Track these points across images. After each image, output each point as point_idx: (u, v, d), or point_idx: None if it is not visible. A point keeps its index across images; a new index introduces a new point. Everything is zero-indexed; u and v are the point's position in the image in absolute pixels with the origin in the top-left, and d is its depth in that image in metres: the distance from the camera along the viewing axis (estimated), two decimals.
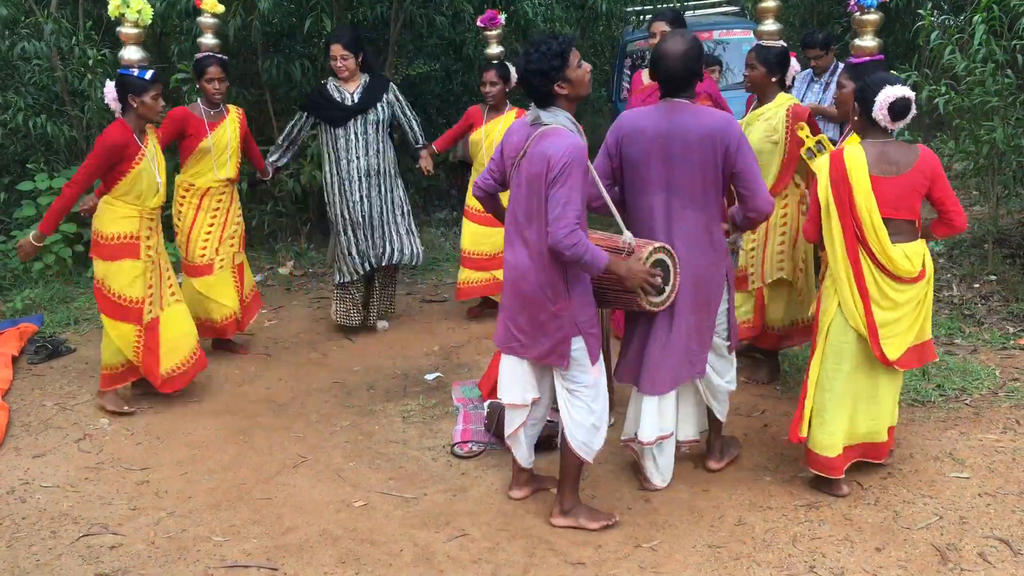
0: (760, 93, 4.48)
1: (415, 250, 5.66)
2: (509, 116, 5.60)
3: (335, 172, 5.43)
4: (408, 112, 5.58)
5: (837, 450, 3.59)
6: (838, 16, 10.75)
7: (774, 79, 4.42)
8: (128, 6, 4.38)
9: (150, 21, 4.53)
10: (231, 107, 5.24)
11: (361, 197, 5.43)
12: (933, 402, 4.49)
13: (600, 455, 4.08)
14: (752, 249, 4.57)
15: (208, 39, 5.14)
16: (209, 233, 5.13)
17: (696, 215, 3.48)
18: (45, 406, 4.71)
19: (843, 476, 3.63)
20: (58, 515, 3.67)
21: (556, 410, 4.55)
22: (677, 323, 3.56)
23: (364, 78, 5.39)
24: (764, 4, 4.55)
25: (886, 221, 3.44)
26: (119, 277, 4.44)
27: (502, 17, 5.72)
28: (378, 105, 5.37)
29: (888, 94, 3.41)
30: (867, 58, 4.26)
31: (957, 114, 5.92)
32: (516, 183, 3.33)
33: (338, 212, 5.48)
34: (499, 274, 5.61)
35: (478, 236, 5.77)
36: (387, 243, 5.52)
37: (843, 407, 3.58)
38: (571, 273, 3.28)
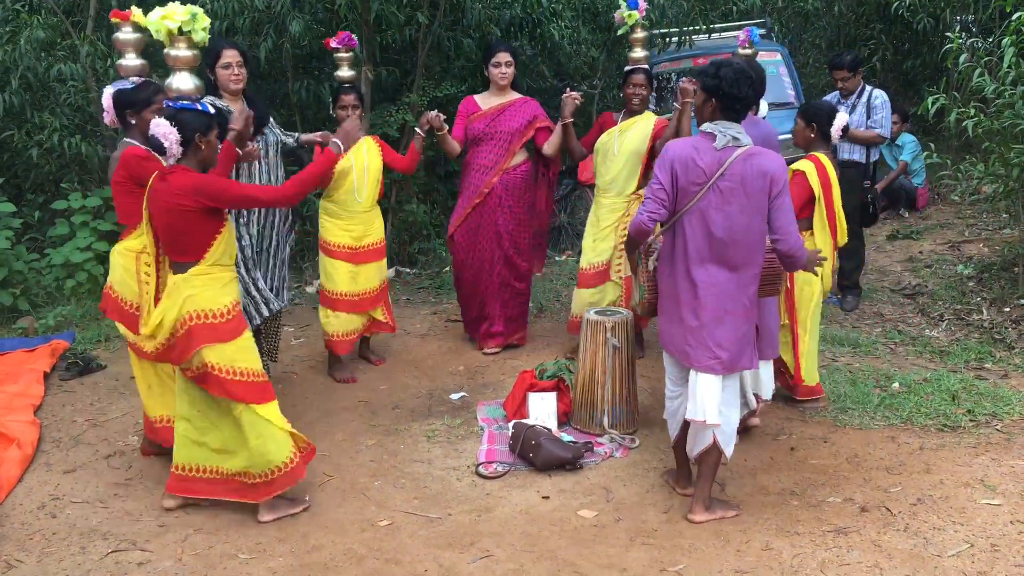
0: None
1: (286, 293, 5.14)
2: (368, 141, 5.29)
3: None
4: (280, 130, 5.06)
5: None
6: (865, 38, 10.75)
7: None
8: (195, 20, 3.61)
9: (208, 39, 3.73)
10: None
11: (261, 228, 4.84)
12: (963, 427, 4.44)
13: (625, 477, 4.09)
14: (623, 244, 5.17)
15: (131, 60, 4.10)
16: None
17: None
18: (76, 422, 4.77)
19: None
20: (87, 531, 3.71)
21: (579, 430, 4.55)
22: None
23: (242, 98, 4.75)
24: (635, 35, 5.36)
25: None
26: (247, 352, 3.63)
27: (355, 38, 5.34)
28: (270, 122, 4.92)
29: (841, 119, 4.59)
30: None
31: (986, 137, 5.89)
32: (710, 204, 3.46)
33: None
34: (378, 314, 5.40)
35: (351, 275, 5.25)
36: (273, 282, 4.97)
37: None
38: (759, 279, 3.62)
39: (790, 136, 4.88)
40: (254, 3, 6.59)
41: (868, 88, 6.25)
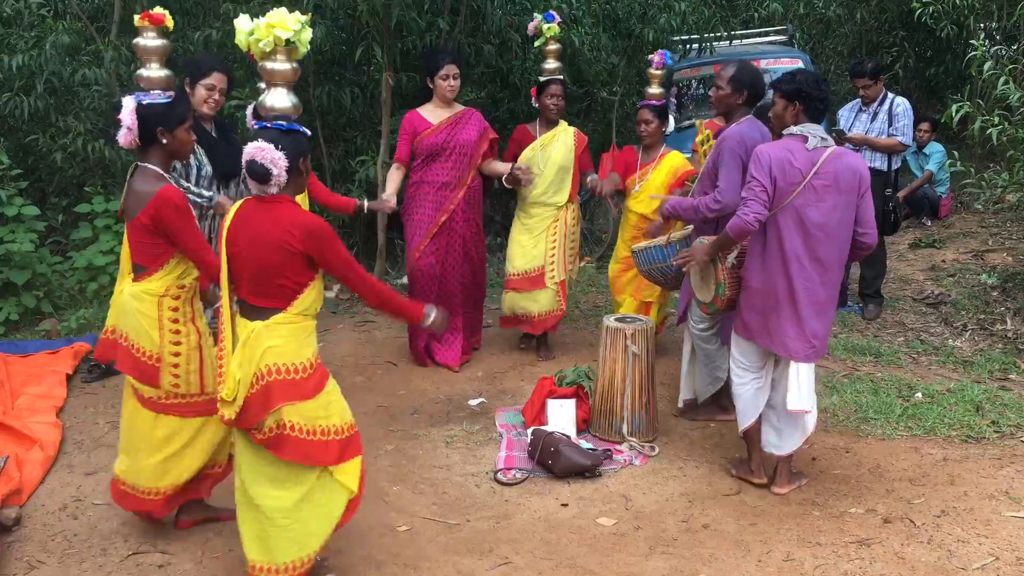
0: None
1: None
2: None
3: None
4: None
5: None
6: (887, 46, 10.69)
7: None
8: (303, 28, 3.07)
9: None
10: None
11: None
12: (988, 439, 4.39)
13: (644, 485, 4.07)
14: (552, 251, 5.50)
15: (156, 70, 3.62)
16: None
17: None
18: (97, 424, 4.79)
19: None
20: (108, 533, 3.73)
21: (598, 437, 4.54)
22: None
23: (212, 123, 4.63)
24: (549, 47, 5.46)
25: None
26: (336, 402, 3.25)
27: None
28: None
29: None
30: (656, 102, 5.37)
31: (1011, 145, 5.84)
32: (807, 202, 3.69)
33: None
34: None
35: None
36: None
37: None
38: None
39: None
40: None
41: (890, 96, 6.21)
